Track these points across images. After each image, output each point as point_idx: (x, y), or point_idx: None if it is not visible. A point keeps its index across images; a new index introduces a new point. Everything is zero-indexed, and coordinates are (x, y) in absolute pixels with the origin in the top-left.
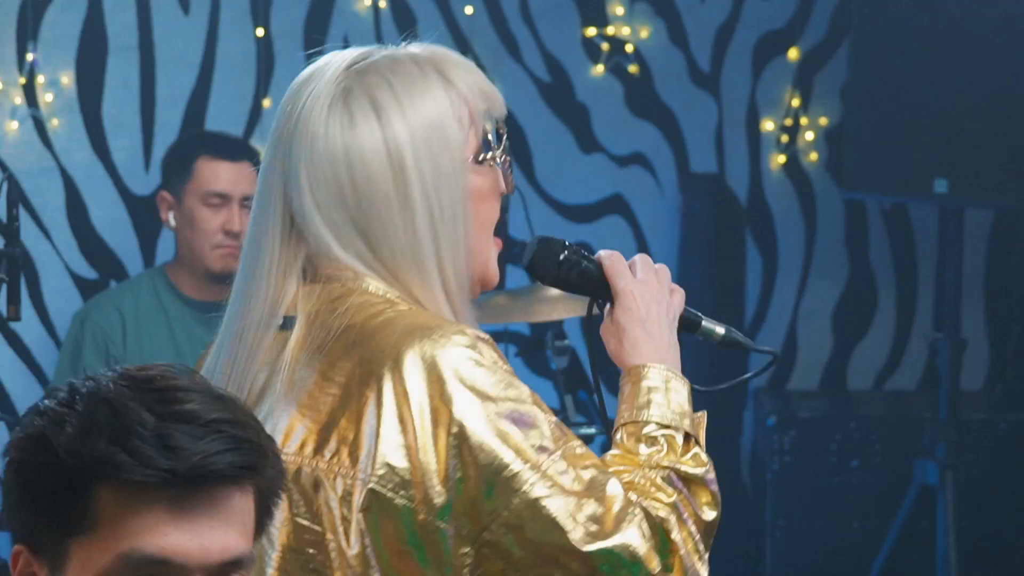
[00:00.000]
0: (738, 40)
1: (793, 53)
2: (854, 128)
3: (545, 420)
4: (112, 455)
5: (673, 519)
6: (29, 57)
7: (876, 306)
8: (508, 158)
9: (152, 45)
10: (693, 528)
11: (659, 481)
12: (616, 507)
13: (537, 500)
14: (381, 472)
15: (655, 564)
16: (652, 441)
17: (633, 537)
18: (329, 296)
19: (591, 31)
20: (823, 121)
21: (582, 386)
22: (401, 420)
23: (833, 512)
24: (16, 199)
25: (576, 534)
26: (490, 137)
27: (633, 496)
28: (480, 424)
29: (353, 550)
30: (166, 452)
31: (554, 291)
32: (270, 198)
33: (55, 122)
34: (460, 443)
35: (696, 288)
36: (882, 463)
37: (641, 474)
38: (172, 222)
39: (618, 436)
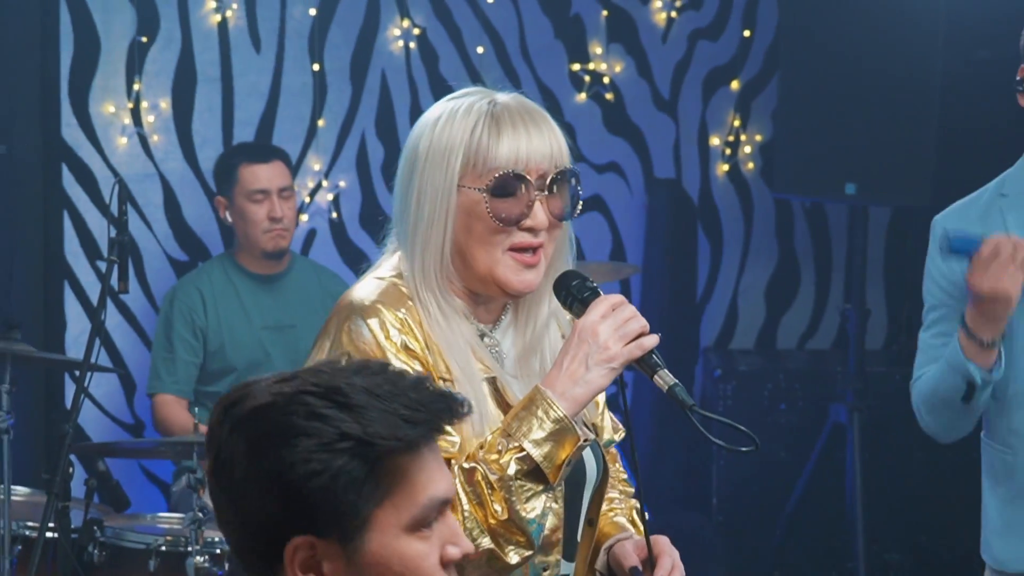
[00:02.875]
0: (692, 74)
1: (735, 84)
2: (782, 143)
3: None
4: (399, 428)
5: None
6: (136, 87)
7: (799, 283)
8: (530, 198)
9: (231, 77)
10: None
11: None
12: None
13: None
14: None
15: None
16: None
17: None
18: None
19: (576, 66)
20: (758, 137)
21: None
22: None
23: (765, 445)
24: (125, 198)
25: None
26: (493, 179)
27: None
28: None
29: None
30: (421, 411)
31: None
32: None
33: (156, 138)
34: None
35: (658, 269)
36: (803, 407)
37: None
38: (229, 219)
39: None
